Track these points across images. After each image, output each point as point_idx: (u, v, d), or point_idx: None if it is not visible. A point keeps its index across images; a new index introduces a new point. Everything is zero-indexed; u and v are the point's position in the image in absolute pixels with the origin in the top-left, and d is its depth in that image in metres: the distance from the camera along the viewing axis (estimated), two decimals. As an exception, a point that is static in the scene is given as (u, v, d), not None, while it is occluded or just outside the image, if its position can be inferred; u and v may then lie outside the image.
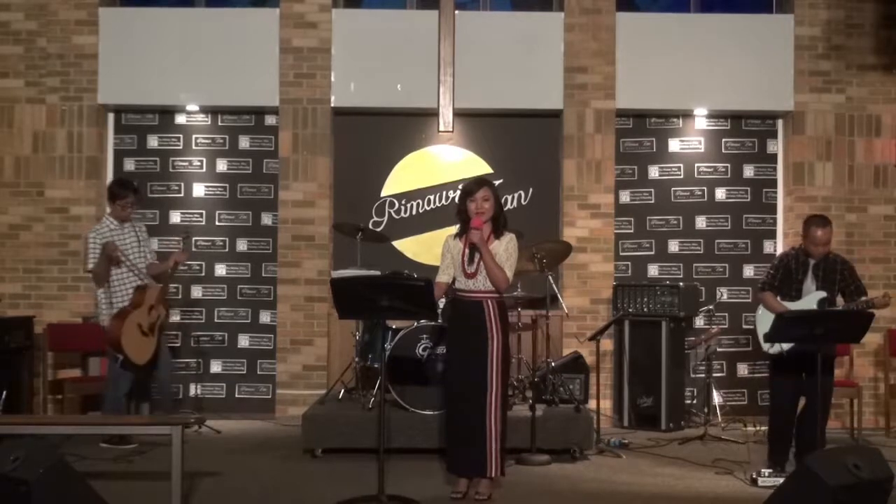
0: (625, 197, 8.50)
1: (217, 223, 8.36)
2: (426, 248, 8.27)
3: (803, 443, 5.75)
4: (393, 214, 8.40)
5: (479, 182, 5.35)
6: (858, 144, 8.30)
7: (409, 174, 8.42)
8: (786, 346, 5.68)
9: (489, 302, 5.23)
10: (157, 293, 6.67)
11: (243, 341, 8.32)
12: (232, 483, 5.65)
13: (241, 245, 8.39)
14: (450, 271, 5.34)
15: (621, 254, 8.46)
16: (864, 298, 5.81)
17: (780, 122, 8.52)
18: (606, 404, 7.76)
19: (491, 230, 5.26)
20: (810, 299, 5.80)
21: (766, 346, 5.80)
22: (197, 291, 8.36)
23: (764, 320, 5.84)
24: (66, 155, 8.17)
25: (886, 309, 7.84)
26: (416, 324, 6.42)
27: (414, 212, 8.40)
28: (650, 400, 7.69)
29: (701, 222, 8.50)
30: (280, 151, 8.26)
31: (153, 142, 8.45)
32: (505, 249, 5.22)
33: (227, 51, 8.22)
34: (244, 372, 8.30)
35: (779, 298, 5.87)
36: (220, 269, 8.36)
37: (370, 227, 7.96)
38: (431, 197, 8.40)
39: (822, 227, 5.77)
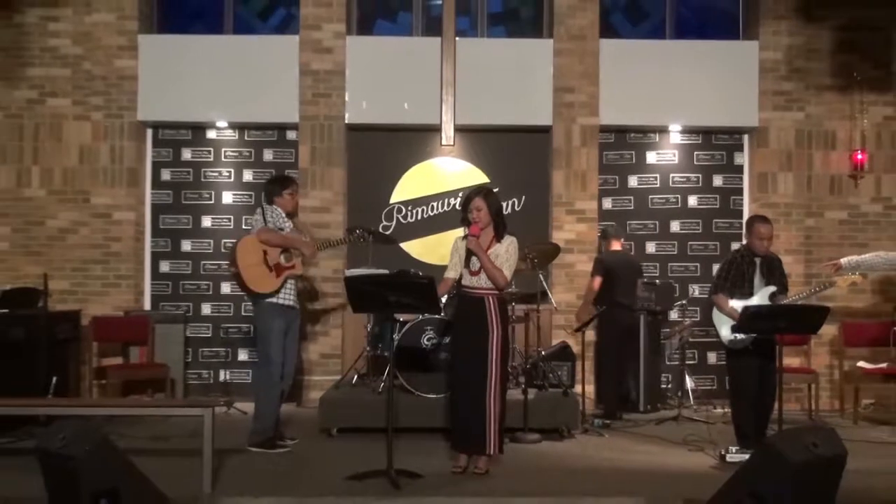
0: (607, 203, 8.50)
1: (243, 227, 8.31)
2: (430, 249, 8.27)
3: (765, 422, 5.75)
4: (401, 219, 8.40)
5: (476, 192, 5.31)
6: (816, 157, 8.30)
7: (415, 183, 8.41)
8: (747, 338, 5.65)
9: (490, 298, 5.22)
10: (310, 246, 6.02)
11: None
12: (257, 459, 5.65)
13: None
14: (457, 268, 5.32)
15: (604, 254, 8.44)
16: (815, 286, 5.98)
17: (746, 137, 8.51)
18: (591, 389, 7.75)
19: (493, 235, 5.25)
20: (762, 294, 5.77)
21: (729, 341, 5.75)
22: (226, 288, 8.35)
23: (722, 319, 5.81)
24: (108, 166, 8.18)
25: (842, 303, 7.94)
26: (420, 317, 6.43)
27: (419, 217, 8.40)
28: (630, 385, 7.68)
29: (675, 226, 8.50)
30: (300, 163, 8.26)
31: (187, 154, 8.46)
32: (506, 251, 5.22)
33: (252, 73, 8.22)
34: (268, 360, 8.27)
35: (735, 297, 5.76)
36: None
37: (380, 230, 7.95)
38: (435, 203, 8.40)
39: (765, 223, 5.81)
